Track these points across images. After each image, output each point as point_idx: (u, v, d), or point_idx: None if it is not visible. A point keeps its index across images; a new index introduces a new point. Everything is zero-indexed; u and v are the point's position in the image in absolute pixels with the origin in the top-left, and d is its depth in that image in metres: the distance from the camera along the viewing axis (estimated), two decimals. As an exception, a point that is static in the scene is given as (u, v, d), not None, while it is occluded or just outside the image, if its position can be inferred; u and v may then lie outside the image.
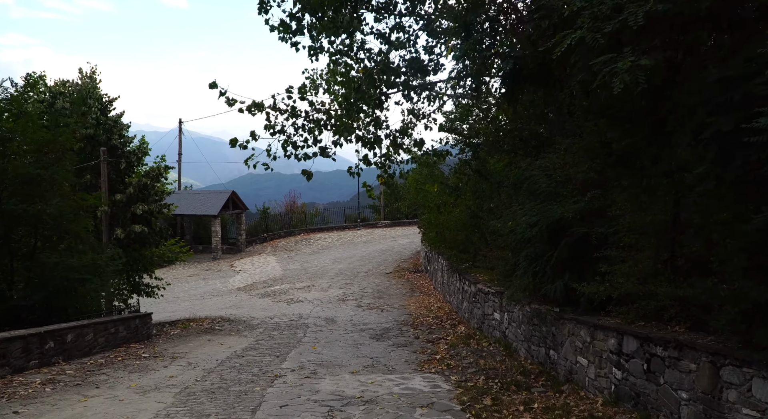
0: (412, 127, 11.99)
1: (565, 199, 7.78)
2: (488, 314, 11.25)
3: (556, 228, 7.83)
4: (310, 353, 9.94)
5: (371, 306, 16.78)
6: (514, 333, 9.72)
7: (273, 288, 22.46)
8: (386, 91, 11.17)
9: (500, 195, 10.09)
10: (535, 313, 8.53)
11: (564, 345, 7.69)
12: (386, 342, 11.39)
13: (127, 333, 11.20)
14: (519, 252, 8.85)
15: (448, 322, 13.48)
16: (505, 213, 9.11)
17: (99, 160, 14.79)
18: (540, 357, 8.49)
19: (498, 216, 9.47)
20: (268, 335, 12.57)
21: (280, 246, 34.57)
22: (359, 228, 38.47)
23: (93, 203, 12.96)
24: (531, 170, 8.37)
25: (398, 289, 19.73)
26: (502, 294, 10.38)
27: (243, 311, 17.92)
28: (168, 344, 11.39)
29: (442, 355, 9.79)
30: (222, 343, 11.24)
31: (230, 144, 11.61)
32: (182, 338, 12.30)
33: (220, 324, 15.12)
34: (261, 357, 9.54)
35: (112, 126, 15.91)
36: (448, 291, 16.23)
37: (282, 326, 14.12)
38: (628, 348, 6.19)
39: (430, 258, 21.57)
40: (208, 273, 29.40)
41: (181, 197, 35.17)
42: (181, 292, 25.14)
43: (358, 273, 23.79)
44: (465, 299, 13.32)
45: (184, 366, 8.68)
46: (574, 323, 7.39)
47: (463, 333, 11.99)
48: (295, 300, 19.16)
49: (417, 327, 13.08)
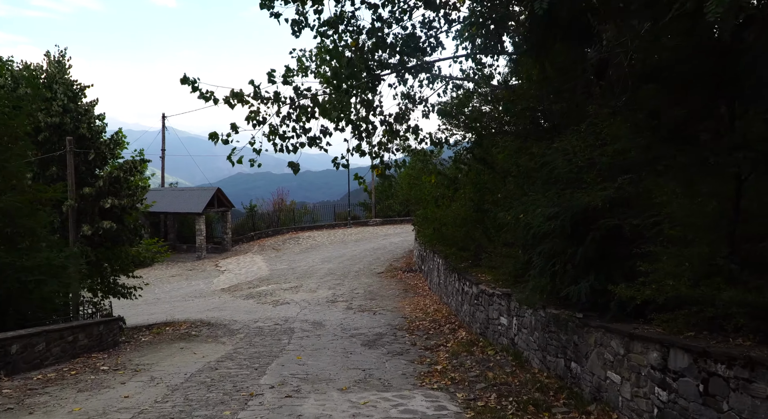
0: (409, 112, 10.86)
1: (589, 187, 6.67)
2: (493, 318, 10.13)
3: (580, 220, 6.72)
4: (294, 364, 8.76)
5: (363, 309, 15.61)
6: (524, 341, 8.60)
7: (258, 289, 21.24)
8: (379, 74, 10.03)
9: (507, 185, 8.97)
10: (553, 319, 7.41)
11: (589, 357, 6.56)
12: (380, 349, 10.23)
13: (88, 342, 9.95)
14: (532, 248, 7.73)
15: (446, 326, 12.35)
16: (516, 205, 7.98)
17: (65, 151, 13.52)
18: (558, 369, 7.37)
19: (506, 208, 8.34)
20: (248, 342, 11.36)
21: (268, 245, 33.30)
22: (350, 227, 37.28)
23: (53, 196, 11.70)
24: (548, 154, 7.24)
25: (391, 290, 18.58)
26: (510, 296, 9.27)
27: (225, 314, 16.70)
28: (135, 353, 10.15)
29: (444, 366, 8.65)
30: (195, 352, 10.02)
31: (210, 138, 10.41)
32: (153, 346, 11.06)
33: (197, 329, 13.88)
34: (237, 369, 8.34)
35: (81, 114, 14.61)
36: (445, 292, 15.10)
37: (265, 331, 12.91)
38: (677, 364, 5.06)
39: (424, 257, 20.44)
40: (191, 273, 28.09)
41: (165, 194, 33.82)
42: (162, 293, 23.88)
43: (349, 273, 22.61)
44: (465, 301, 12.20)
45: (146, 382, 7.46)
46: (603, 332, 6.26)
47: (464, 339, 10.86)
48: (282, 302, 17.96)
49: (413, 332, 11.93)
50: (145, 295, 23.86)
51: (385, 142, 10.07)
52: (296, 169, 10.41)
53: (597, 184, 6.74)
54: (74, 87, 14.94)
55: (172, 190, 35.57)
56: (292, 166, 10.33)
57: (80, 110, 14.75)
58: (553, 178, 7.36)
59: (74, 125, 14.32)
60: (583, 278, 6.66)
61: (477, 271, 12.09)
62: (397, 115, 10.22)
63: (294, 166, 10.31)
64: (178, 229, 35.11)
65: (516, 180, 8.72)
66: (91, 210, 14.24)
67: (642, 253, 5.82)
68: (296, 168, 10.40)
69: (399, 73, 10.24)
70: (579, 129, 7.42)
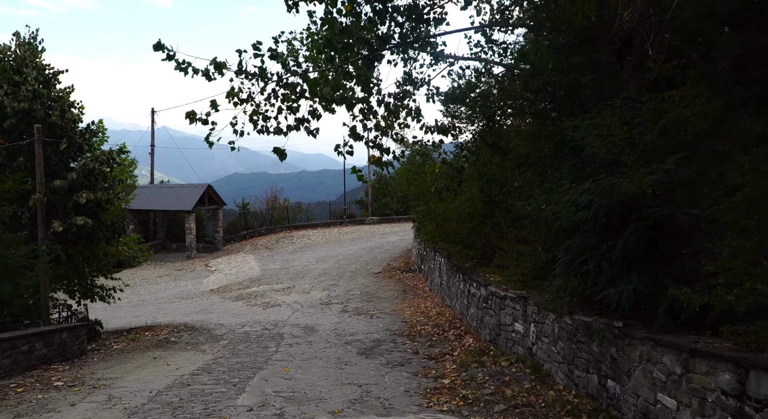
0: (410, 95, 9.71)
1: (630, 171, 5.55)
2: (506, 324, 9.00)
3: (618, 210, 5.61)
4: (280, 378, 7.60)
5: (359, 312, 14.46)
6: (545, 351, 7.47)
7: (249, 291, 20.07)
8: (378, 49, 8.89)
9: (525, 173, 7.84)
10: (583, 327, 6.29)
11: (633, 375, 5.44)
12: (378, 359, 9.10)
13: (48, 351, 8.78)
14: (557, 244, 6.61)
15: (451, 332, 11.21)
16: (536, 194, 6.85)
17: (32, 139, 12.33)
18: (590, 387, 6.24)
19: (524, 198, 7.23)
20: (231, 350, 10.21)
21: (260, 244, 32.10)
22: (345, 225, 36.11)
23: (12, 188, 10.51)
24: (577, 134, 6.10)
25: (389, 291, 17.43)
26: (527, 299, 8.14)
27: (211, 317, 15.54)
28: (101, 364, 8.98)
29: (452, 380, 7.52)
30: (169, 363, 8.85)
31: (186, 117, 9.24)
32: (123, 355, 9.89)
33: (178, 334, 12.72)
34: (213, 385, 7.18)
35: (54, 101, 13.41)
36: (448, 293, 13.96)
37: (251, 337, 11.75)
38: (761, 391, 3.95)
39: (424, 256, 19.29)
40: (180, 273, 26.87)
41: (154, 191, 32.59)
42: (148, 295, 22.70)
43: (344, 274, 21.45)
44: (472, 304, 11.07)
45: (101, 404, 6.30)
46: (652, 345, 5.14)
47: (472, 347, 9.73)
48: (272, 304, 16.79)
49: (414, 339, 10.80)
50: (130, 297, 22.69)
51: (384, 126, 8.91)
52: (282, 156, 9.26)
53: (638, 167, 5.63)
54: (47, 72, 13.73)
55: (162, 187, 34.29)
56: (278, 152, 9.16)
57: (53, 96, 13.54)
58: (583, 161, 6.25)
59: (45, 112, 13.10)
60: (622, 278, 5.55)
61: (484, 271, 10.97)
62: (397, 94, 9.08)
63: (280, 152, 9.14)
64: (167, 228, 33.88)
65: (535, 167, 7.59)
66: (63, 205, 13.03)
67: (703, 249, 4.71)
68: (282, 155, 9.24)
69: (400, 48, 9.10)
70: (612, 104, 6.31)
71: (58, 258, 12.58)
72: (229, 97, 9.34)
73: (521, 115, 7.66)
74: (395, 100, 8.97)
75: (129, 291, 23.85)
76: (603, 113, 6.21)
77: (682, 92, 5.87)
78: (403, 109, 9.57)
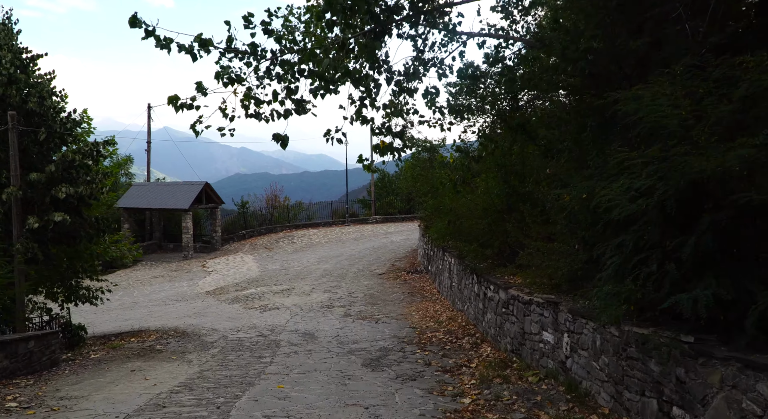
0: (421, 74, 8.62)
1: (706, 149, 4.47)
2: (531, 333, 7.90)
3: (688, 196, 4.52)
4: (273, 397, 6.52)
5: (363, 316, 13.38)
6: (583, 367, 6.37)
7: (246, 292, 19.00)
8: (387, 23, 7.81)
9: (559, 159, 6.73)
10: (636, 341, 5.20)
11: (710, 403, 4.34)
12: (386, 372, 8.01)
13: (9, 363, 7.72)
14: (603, 241, 5.51)
15: (465, 340, 10.13)
16: (575, 181, 5.75)
17: (5, 128, 11.29)
18: (647, 413, 5.13)
19: (561, 185, 6.15)
20: (221, 360, 9.14)
21: (260, 244, 31.03)
22: (348, 225, 35.03)
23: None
24: (630, 104, 5.01)
25: (395, 294, 16.34)
26: (558, 305, 7.05)
27: (205, 320, 14.48)
28: (71, 378, 7.91)
29: (473, 398, 6.44)
30: (148, 378, 7.77)
31: (169, 103, 8.16)
32: (99, 367, 8.82)
33: (166, 341, 11.66)
34: (193, 407, 6.10)
35: (32, 87, 12.36)
36: (459, 296, 12.87)
37: (245, 345, 10.68)
38: None
39: (431, 257, 18.20)
40: (175, 274, 25.82)
41: (149, 189, 31.55)
42: (141, 296, 21.65)
43: (347, 275, 20.37)
44: (489, 309, 9.97)
45: (54, 433, 5.23)
46: (739, 367, 4.05)
47: (491, 357, 8.64)
48: (270, 307, 15.73)
49: (425, 347, 9.71)
50: (122, 299, 21.63)
51: (396, 104, 7.81)
52: (284, 143, 8.16)
53: (710, 145, 4.55)
54: (24, 55, 12.67)
55: (158, 184, 33.23)
56: (279, 139, 8.07)
57: (31, 82, 12.49)
58: (638, 140, 5.16)
59: (21, 98, 12.05)
60: (694, 282, 4.46)
61: (503, 272, 9.89)
62: (407, 70, 7.99)
63: (281, 138, 8.05)
64: (164, 227, 32.84)
65: (570, 151, 6.49)
66: (41, 200, 11.99)
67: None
68: (284, 141, 8.14)
69: (412, 20, 8.02)
70: (672, 72, 5.22)
71: (35, 258, 11.51)
72: (217, 78, 8.27)
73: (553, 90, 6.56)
74: (406, 78, 7.88)
75: (121, 293, 22.80)
76: (661, 81, 5.13)
77: (759, 58, 4.81)
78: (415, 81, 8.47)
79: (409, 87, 7.83)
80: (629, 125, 5.26)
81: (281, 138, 8.16)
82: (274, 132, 8.19)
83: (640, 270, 4.81)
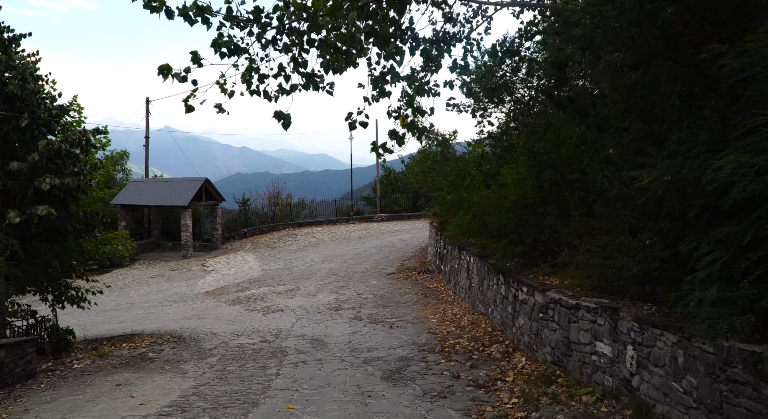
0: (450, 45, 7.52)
1: None
2: (580, 343, 6.80)
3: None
4: (281, 421, 5.43)
5: (375, 319, 12.29)
6: (658, 388, 5.26)
7: (248, 293, 17.92)
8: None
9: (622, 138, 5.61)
10: (745, 360, 4.09)
11: None
12: (410, 387, 6.92)
13: (-26, 377, 6.62)
14: (694, 233, 4.41)
15: (494, 347, 9.03)
16: (656, 159, 4.63)
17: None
18: (760, 453, 4.03)
19: (627, 168, 5.05)
20: (220, 372, 8.05)
21: (262, 242, 29.94)
22: (352, 223, 33.93)
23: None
24: (741, 59, 3.92)
25: (407, 295, 15.24)
26: (616, 310, 5.95)
27: (203, 323, 13.40)
28: (45, 395, 6.81)
29: (522, 425, 5.34)
30: (134, 394, 6.68)
31: (159, 73, 7.05)
32: (81, 379, 7.74)
33: (159, 347, 10.57)
34: (185, 435, 5.01)
35: (13, 68, 11.31)
36: (481, 299, 11.76)
37: (247, 352, 9.59)
38: None
39: (444, 256, 17.09)
40: (174, 273, 24.74)
41: (147, 185, 30.47)
42: (137, 297, 20.58)
43: (353, 274, 19.27)
44: (521, 314, 8.87)
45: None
46: None
47: (529, 370, 7.54)
48: (274, 309, 14.64)
49: (450, 357, 8.61)
50: (117, 299, 20.55)
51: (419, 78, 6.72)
52: (286, 122, 7.08)
53: None
54: (4, 34, 11.60)
55: (156, 181, 32.16)
56: (281, 118, 6.98)
57: (11, 65, 11.42)
58: (748, 105, 4.05)
59: (1, 80, 10.99)
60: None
61: (535, 272, 8.80)
62: (437, 35, 6.89)
63: (282, 116, 6.97)
64: (162, 225, 31.77)
65: (636, 131, 5.37)
66: (22, 192, 10.92)
67: None
68: (286, 121, 7.06)
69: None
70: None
71: (15, 256, 10.43)
72: (215, 47, 7.18)
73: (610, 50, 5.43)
74: (434, 45, 6.78)
75: (117, 293, 21.72)
76: None
77: None
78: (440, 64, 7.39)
79: (437, 56, 6.72)
80: (732, 89, 4.15)
81: (283, 116, 7.08)
82: (276, 110, 7.12)
83: (761, 270, 3.72)
